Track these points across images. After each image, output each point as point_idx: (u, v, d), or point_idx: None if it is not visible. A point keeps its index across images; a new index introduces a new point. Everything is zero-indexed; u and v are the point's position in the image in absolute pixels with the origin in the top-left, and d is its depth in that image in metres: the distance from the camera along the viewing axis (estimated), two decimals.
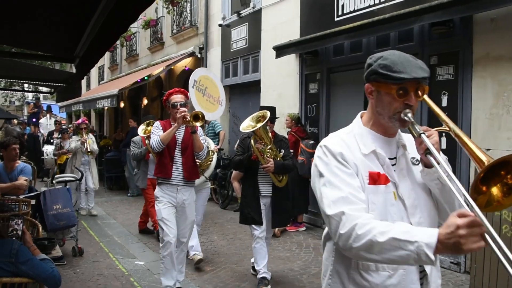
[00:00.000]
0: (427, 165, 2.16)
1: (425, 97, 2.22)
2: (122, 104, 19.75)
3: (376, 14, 7.86)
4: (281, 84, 10.75)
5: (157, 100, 19.17)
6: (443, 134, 6.76)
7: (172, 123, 5.68)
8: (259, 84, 11.68)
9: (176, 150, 5.69)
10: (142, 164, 8.73)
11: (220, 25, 13.53)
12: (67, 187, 7.46)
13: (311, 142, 9.00)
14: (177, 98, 5.70)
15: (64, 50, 5.22)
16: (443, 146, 6.92)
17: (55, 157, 12.68)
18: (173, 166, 5.64)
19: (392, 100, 2.14)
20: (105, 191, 14.51)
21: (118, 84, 17.79)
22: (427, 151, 2.09)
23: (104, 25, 3.31)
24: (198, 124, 5.54)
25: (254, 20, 11.97)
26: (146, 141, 8.06)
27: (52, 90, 10.39)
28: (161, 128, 5.67)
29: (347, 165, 2.11)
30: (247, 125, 6.00)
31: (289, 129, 9.34)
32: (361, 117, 2.42)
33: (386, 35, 7.83)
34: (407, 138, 2.33)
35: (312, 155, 8.90)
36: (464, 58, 6.67)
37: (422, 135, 2.09)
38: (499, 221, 5.70)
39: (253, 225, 6.08)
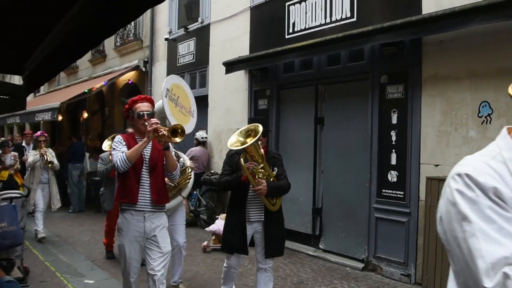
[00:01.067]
0: None
1: None
2: (60, 117, 19.21)
3: (327, 33, 8.06)
4: (229, 100, 10.81)
5: (97, 113, 18.79)
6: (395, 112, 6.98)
7: (137, 137, 4.90)
8: (206, 99, 11.67)
9: (143, 170, 4.84)
10: (109, 183, 7.80)
11: (166, 39, 13.45)
12: (13, 204, 7.17)
13: None
14: (144, 106, 4.90)
15: (12, 60, 5.01)
16: (394, 121, 7.24)
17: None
18: (140, 189, 4.79)
19: None
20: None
21: (57, 96, 17.33)
22: None
23: (68, 37, 3.15)
24: (177, 140, 4.74)
25: (202, 35, 11.99)
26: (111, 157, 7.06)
27: None
28: (124, 143, 4.82)
29: (506, 206, 1.37)
30: (235, 140, 5.23)
31: None
32: (509, 132, 1.58)
33: (337, 54, 8.03)
34: None
35: None
36: (413, 77, 6.93)
37: None
38: None
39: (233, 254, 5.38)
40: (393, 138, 7.19)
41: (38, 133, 10.15)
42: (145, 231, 4.79)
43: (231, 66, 10.08)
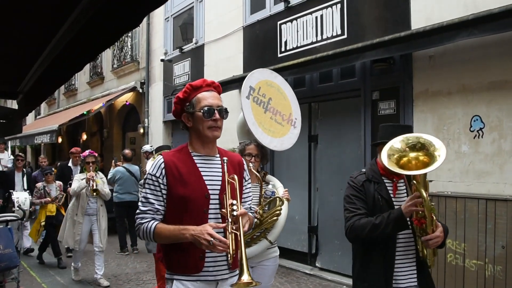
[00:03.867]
0: None
1: None
2: (60, 140, 19.29)
3: (318, 51, 8.07)
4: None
5: (96, 135, 18.82)
6: None
7: (194, 153, 3.00)
8: None
9: (210, 213, 2.89)
10: None
11: (162, 60, 13.51)
12: (9, 226, 7.14)
13: None
14: (212, 98, 2.97)
15: (6, 84, 5.04)
16: None
17: (34, 206, 9.33)
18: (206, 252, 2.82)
19: None
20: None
21: (56, 119, 17.42)
22: None
23: (56, 61, 3.20)
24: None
25: (197, 56, 12.03)
26: None
27: None
28: (162, 175, 2.89)
29: None
30: (389, 148, 3.22)
31: None
32: None
33: (329, 71, 8.03)
34: None
35: None
36: (404, 93, 6.91)
37: None
38: (444, 250, 5.86)
39: None
40: None
41: (86, 152, 8.13)
42: None
43: (224, 86, 10.05)
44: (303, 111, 8.78)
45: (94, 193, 7.67)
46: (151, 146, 12.17)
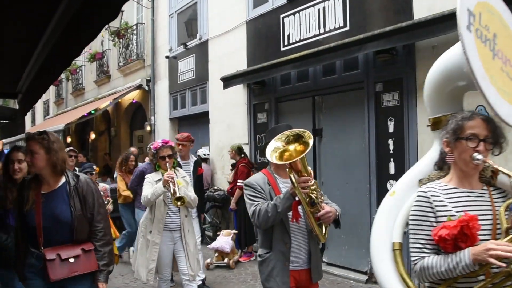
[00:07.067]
0: None
1: None
2: (69, 139, 19.41)
3: (321, 43, 7.99)
4: (229, 115, 10.75)
5: (104, 134, 18.88)
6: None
7: None
8: (207, 115, 11.64)
9: None
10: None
11: (167, 57, 13.50)
12: None
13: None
14: None
15: (6, 85, 5.09)
16: (391, 129, 6.98)
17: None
18: None
19: None
20: None
21: (64, 118, 17.48)
22: None
23: (47, 59, 3.28)
24: None
25: (201, 52, 11.99)
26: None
27: None
28: None
29: None
30: None
31: (235, 161, 9.28)
32: None
33: (332, 64, 7.94)
34: None
35: None
36: (408, 85, 6.82)
37: None
38: None
39: None
40: (391, 147, 7.06)
41: (159, 143, 5.63)
42: None
43: (228, 81, 10.04)
44: (307, 105, 8.81)
45: (179, 203, 5.17)
46: None
